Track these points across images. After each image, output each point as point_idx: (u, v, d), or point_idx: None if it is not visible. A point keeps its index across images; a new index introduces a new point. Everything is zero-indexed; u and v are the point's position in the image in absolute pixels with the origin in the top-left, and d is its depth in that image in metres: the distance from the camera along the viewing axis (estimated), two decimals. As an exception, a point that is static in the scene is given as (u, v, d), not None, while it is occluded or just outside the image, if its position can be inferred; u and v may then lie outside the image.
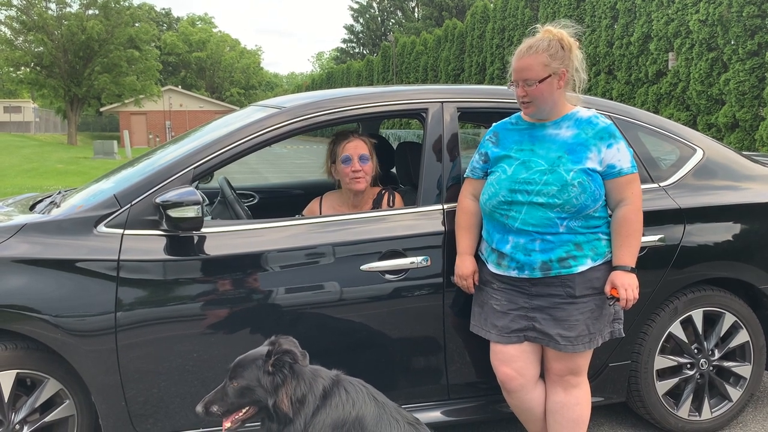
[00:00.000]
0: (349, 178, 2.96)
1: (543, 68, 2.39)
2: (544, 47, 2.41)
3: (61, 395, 2.53)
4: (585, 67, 2.48)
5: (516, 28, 26.72)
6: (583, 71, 2.47)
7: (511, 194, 2.46)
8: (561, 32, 2.44)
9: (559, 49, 2.41)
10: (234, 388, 2.14)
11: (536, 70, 2.39)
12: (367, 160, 2.97)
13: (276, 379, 2.13)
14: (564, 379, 2.56)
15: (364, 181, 2.97)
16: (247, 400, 2.15)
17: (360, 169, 2.95)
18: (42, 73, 38.42)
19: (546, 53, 2.40)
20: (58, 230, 2.50)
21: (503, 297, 2.54)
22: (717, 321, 3.07)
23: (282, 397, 2.12)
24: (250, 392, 2.13)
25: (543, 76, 2.39)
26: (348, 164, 2.96)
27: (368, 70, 44.68)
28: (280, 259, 2.59)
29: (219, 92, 69.87)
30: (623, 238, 2.45)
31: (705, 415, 3.08)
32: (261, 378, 2.12)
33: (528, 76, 2.40)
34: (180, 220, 2.44)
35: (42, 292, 2.39)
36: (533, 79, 2.39)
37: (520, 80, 2.42)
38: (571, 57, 2.43)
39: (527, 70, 2.40)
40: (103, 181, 3.08)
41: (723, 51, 16.28)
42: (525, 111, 2.50)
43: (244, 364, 2.16)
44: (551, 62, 2.39)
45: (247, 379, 2.13)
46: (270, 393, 2.12)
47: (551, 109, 2.47)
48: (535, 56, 2.40)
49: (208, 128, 3.22)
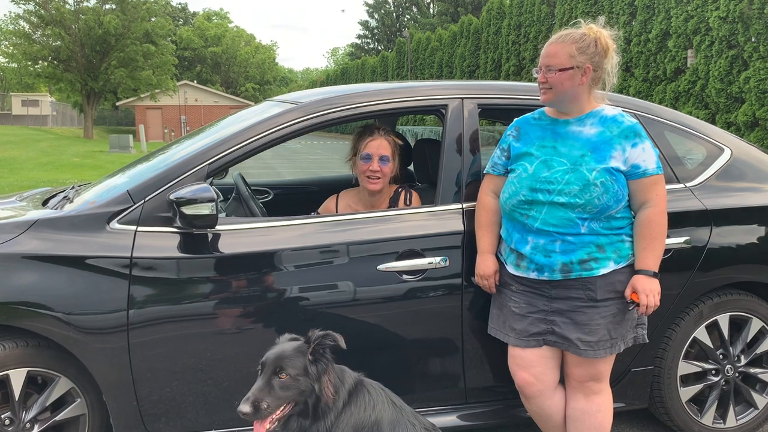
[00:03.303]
0: (365, 176, 2.90)
1: (568, 58, 2.34)
2: (575, 39, 2.37)
3: (72, 394, 2.50)
4: (618, 71, 2.43)
5: (532, 25, 26.51)
6: (614, 75, 2.42)
7: (531, 193, 2.39)
8: (601, 31, 2.40)
9: (591, 45, 2.37)
10: (281, 380, 2.07)
11: (560, 59, 2.35)
12: (388, 161, 2.91)
13: (320, 366, 2.10)
14: (585, 385, 2.48)
15: (380, 183, 2.91)
16: (291, 393, 2.08)
17: (378, 170, 2.89)
18: (59, 67, 38.72)
19: (575, 45, 2.35)
20: (71, 226, 2.46)
21: (522, 299, 2.48)
22: (743, 326, 2.98)
23: (326, 384, 2.09)
24: (295, 383, 2.08)
25: (566, 66, 2.34)
26: (367, 162, 2.90)
27: (383, 66, 44.58)
28: (296, 258, 2.54)
29: (234, 87, 70.08)
30: (647, 241, 2.37)
31: (730, 423, 3.00)
32: (308, 366, 2.08)
33: (551, 62, 2.37)
34: (194, 218, 2.39)
35: (54, 289, 2.35)
36: (555, 66, 2.35)
37: (544, 65, 2.39)
38: (605, 58, 2.39)
39: (552, 57, 2.37)
40: (117, 176, 3.05)
41: (743, 48, 16.04)
42: (542, 98, 2.44)
43: (286, 356, 2.09)
44: (578, 55, 2.35)
45: (296, 368, 2.07)
46: (315, 380, 2.08)
47: (570, 103, 2.41)
48: (563, 45, 2.37)
49: (223, 124, 3.18)
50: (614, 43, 2.41)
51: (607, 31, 2.41)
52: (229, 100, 54.53)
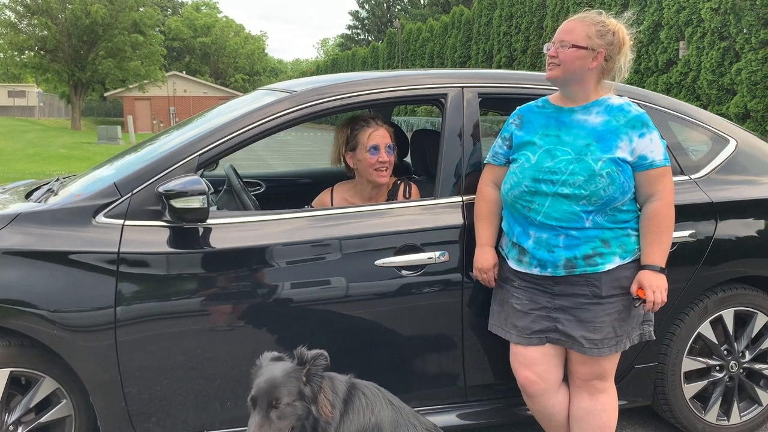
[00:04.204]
0: (374, 168, 2.80)
1: (584, 38, 2.27)
2: (596, 21, 2.31)
3: (58, 394, 2.40)
4: (630, 67, 2.37)
5: (524, 16, 26.43)
6: (627, 70, 2.36)
7: (534, 184, 2.30)
8: (620, 25, 2.34)
9: (609, 34, 2.30)
10: (279, 410, 1.92)
11: (577, 36, 2.28)
12: (393, 151, 2.84)
13: (314, 386, 1.97)
14: (589, 384, 2.41)
15: (388, 174, 2.84)
16: (289, 420, 1.94)
17: (387, 160, 2.81)
18: (46, 58, 38.30)
19: (594, 27, 2.29)
20: (54, 220, 2.35)
21: (524, 296, 2.40)
22: (748, 321, 2.92)
23: (323, 404, 1.97)
24: (293, 410, 1.94)
25: (580, 44, 2.27)
26: (375, 154, 2.80)
27: (373, 56, 44.36)
28: (290, 253, 2.44)
29: (223, 78, 69.59)
30: (653, 235, 2.30)
31: (734, 420, 2.94)
32: (302, 389, 1.95)
33: (566, 37, 2.29)
34: (184, 211, 2.29)
35: (37, 286, 2.25)
36: (569, 42, 2.28)
37: (558, 40, 2.32)
38: (619, 51, 2.32)
39: (569, 32, 2.30)
40: (103, 167, 2.93)
41: (735, 40, 16.04)
42: (548, 74, 2.36)
43: (278, 383, 1.95)
44: (595, 37, 2.28)
45: (291, 394, 1.94)
46: (311, 402, 1.95)
47: (576, 86, 2.33)
48: (583, 23, 2.30)
49: (213, 113, 3.07)
50: (631, 40, 2.35)
51: (627, 28, 2.35)
52: (218, 91, 54.16)
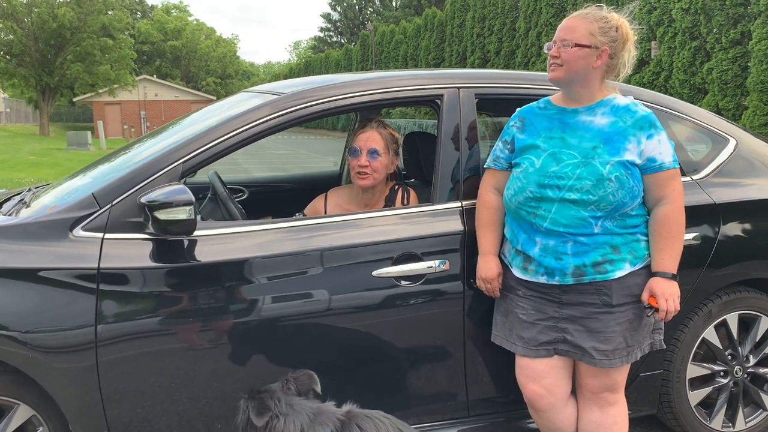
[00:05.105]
0: (355, 172, 2.68)
1: (587, 36, 2.16)
2: (598, 18, 2.19)
3: (34, 422, 2.22)
4: (633, 64, 2.26)
5: (496, 17, 26.50)
6: (630, 66, 2.25)
7: (540, 189, 2.20)
8: (623, 20, 2.24)
9: (613, 30, 2.19)
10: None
11: (579, 34, 2.17)
12: (377, 156, 2.67)
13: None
14: (599, 396, 2.31)
15: (370, 179, 2.68)
16: None
17: (367, 165, 2.65)
18: (12, 62, 37.50)
19: (597, 24, 2.18)
20: (28, 235, 2.18)
21: (530, 305, 2.29)
22: (752, 325, 2.85)
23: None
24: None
25: (583, 42, 2.16)
26: (355, 157, 2.67)
27: (347, 59, 44.20)
28: (282, 264, 2.30)
29: (195, 81, 68.81)
30: (664, 241, 2.20)
31: (739, 426, 2.86)
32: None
33: (568, 36, 2.18)
34: (169, 223, 2.13)
35: (8, 306, 2.08)
36: (571, 41, 2.17)
37: (559, 39, 2.20)
38: (623, 48, 2.22)
39: (571, 30, 2.19)
40: (79, 176, 2.76)
41: (706, 40, 16.22)
42: (551, 75, 2.25)
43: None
44: (599, 35, 2.17)
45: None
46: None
47: (580, 86, 2.23)
48: (585, 21, 2.19)
49: (194, 118, 2.91)
50: (635, 35, 2.25)
51: (629, 23, 2.25)
52: (189, 94, 53.56)
